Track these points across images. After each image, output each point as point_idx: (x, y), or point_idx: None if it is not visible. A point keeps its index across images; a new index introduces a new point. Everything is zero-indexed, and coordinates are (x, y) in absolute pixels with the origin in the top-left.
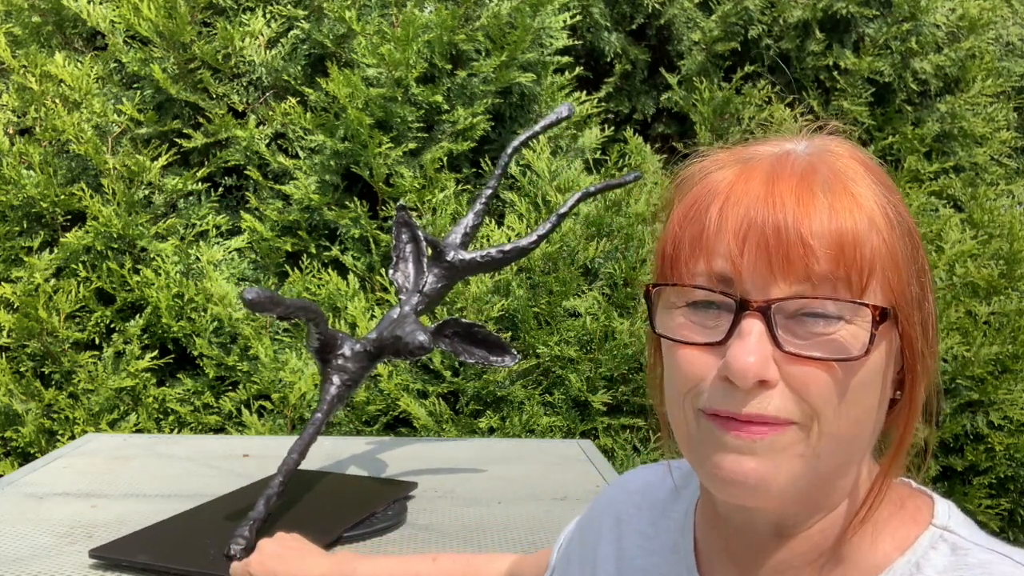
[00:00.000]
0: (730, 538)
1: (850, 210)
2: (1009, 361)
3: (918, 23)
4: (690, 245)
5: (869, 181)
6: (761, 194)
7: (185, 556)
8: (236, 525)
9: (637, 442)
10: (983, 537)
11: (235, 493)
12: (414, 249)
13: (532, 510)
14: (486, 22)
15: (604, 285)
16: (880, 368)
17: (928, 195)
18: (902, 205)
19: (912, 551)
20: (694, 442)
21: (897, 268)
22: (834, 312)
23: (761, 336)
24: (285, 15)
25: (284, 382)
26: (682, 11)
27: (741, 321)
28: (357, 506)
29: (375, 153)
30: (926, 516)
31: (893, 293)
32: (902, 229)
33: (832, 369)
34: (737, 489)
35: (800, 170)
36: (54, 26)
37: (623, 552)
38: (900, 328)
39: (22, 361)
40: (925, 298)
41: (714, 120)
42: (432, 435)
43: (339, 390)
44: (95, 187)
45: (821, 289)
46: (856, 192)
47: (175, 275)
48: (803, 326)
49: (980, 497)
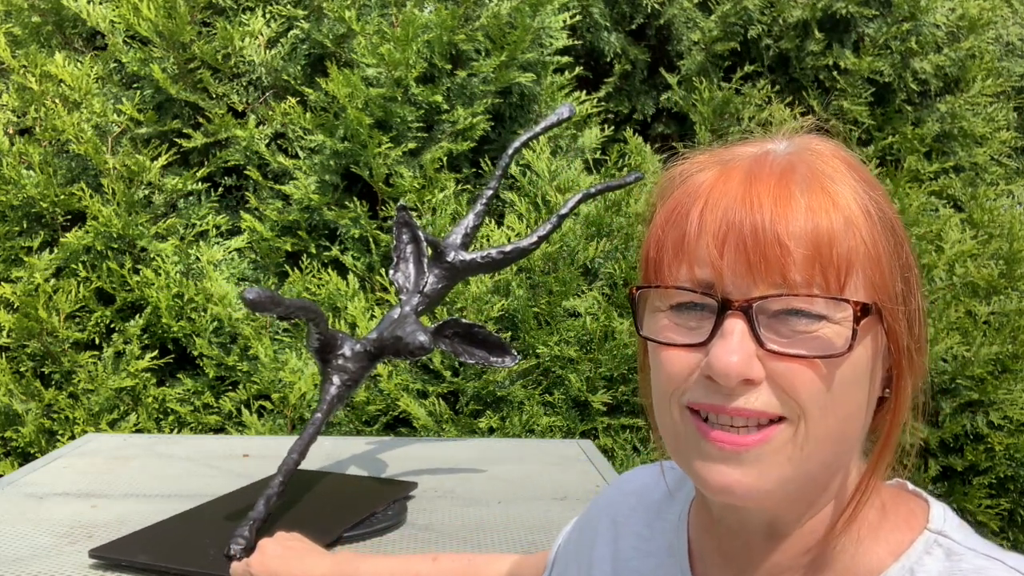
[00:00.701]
0: (723, 539)
1: (827, 209)
2: (1009, 361)
3: (918, 23)
4: (673, 249)
5: (850, 179)
6: (739, 195)
7: (185, 556)
8: (236, 525)
9: (637, 442)
10: (978, 542)
11: (235, 493)
12: (415, 249)
13: (532, 510)
14: (486, 22)
15: (604, 285)
16: (866, 365)
17: (928, 195)
18: (885, 202)
19: (907, 556)
20: (680, 445)
21: (879, 265)
22: (815, 311)
23: (744, 335)
24: (285, 15)
25: (284, 382)
26: (682, 11)
27: (724, 321)
28: (357, 506)
29: (375, 153)
30: (921, 520)
31: (875, 290)
32: (884, 226)
33: (816, 366)
34: (725, 497)
35: (779, 170)
36: (54, 26)
37: (619, 553)
38: (885, 324)
39: (22, 361)
40: (911, 294)
41: (714, 120)
42: (432, 435)
43: (339, 390)
44: (95, 187)
45: (800, 288)
46: (834, 191)
47: (175, 275)
48: (786, 324)
49: (980, 497)
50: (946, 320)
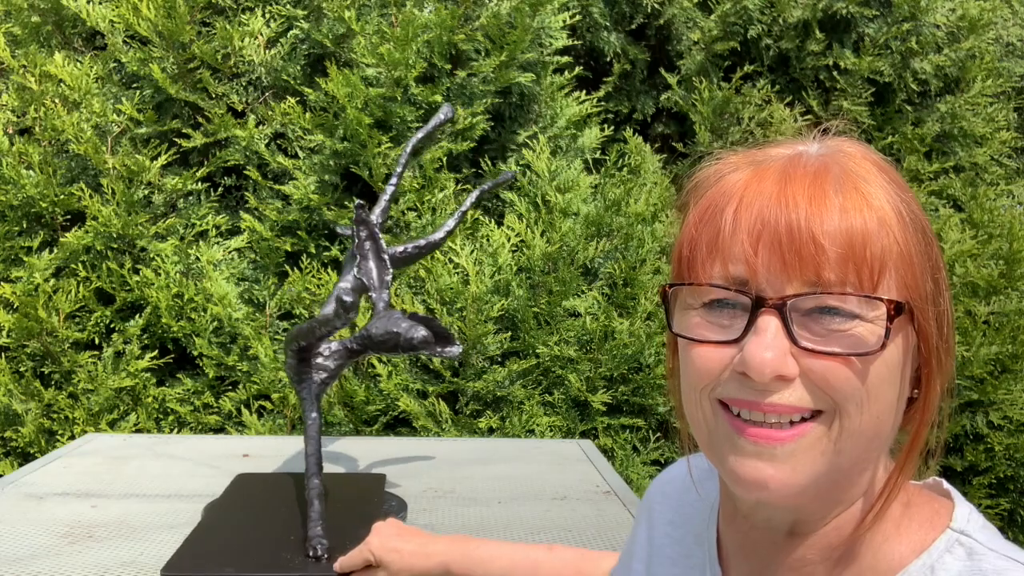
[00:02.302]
0: (747, 534)
1: (861, 209)
2: (1009, 361)
3: (918, 23)
4: (707, 247)
5: (882, 180)
6: (774, 194)
7: (261, 562)
8: (280, 525)
9: (637, 442)
10: (1002, 543)
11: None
12: (373, 246)
13: (532, 510)
14: (485, 22)
15: (604, 285)
16: (898, 363)
17: (928, 195)
18: (915, 203)
19: (928, 554)
20: (713, 440)
21: (911, 265)
22: (849, 309)
23: (778, 332)
24: (284, 15)
25: (284, 382)
26: (681, 11)
27: (757, 319)
28: (365, 503)
29: (374, 153)
30: (944, 519)
31: (907, 289)
32: (915, 227)
33: (851, 364)
34: (758, 493)
35: (813, 170)
36: (54, 26)
37: (653, 540)
38: (916, 324)
39: (22, 361)
40: (940, 294)
41: (713, 120)
42: (432, 435)
43: (319, 388)
44: (95, 187)
45: (834, 286)
46: (868, 191)
47: (175, 275)
48: (819, 323)
49: (980, 497)
50: None
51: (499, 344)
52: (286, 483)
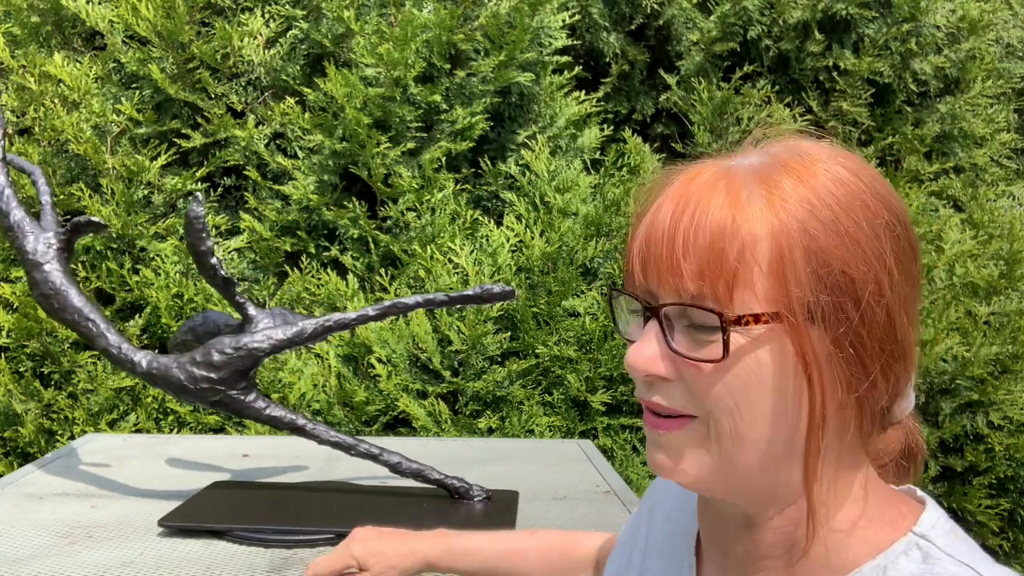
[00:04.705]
0: (715, 526)
1: (728, 221)
2: (1009, 361)
3: (918, 24)
4: (628, 255)
5: (794, 186)
6: (662, 205)
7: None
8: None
9: (636, 442)
10: (962, 549)
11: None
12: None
13: (532, 510)
14: (485, 22)
15: (603, 285)
16: (769, 372)
17: (928, 195)
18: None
19: (884, 555)
20: None
21: (782, 278)
22: (706, 320)
23: (656, 336)
24: (283, 15)
25: (284, 382)
26: (681, 11)
27: (647, 323)
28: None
29: (374, 153)
30: (909, 523)
31: (786, 299)
32: (827, 230)
33: (714, 370)
34: (659, 474)
35: (706, 180)
36: (53, 26)
37: (652, 532)
38: (799, 333)
39: (22, 361)
40: (845, 311)
41: (713, 120)
42: (432, 435)
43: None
44: (94, 187)
45: (696, 297)
46: (750, 200)
47: (175, 275)
48: (697, 330)
49: (980, 497)
50: (946, 320)
51: (499, 344)
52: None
